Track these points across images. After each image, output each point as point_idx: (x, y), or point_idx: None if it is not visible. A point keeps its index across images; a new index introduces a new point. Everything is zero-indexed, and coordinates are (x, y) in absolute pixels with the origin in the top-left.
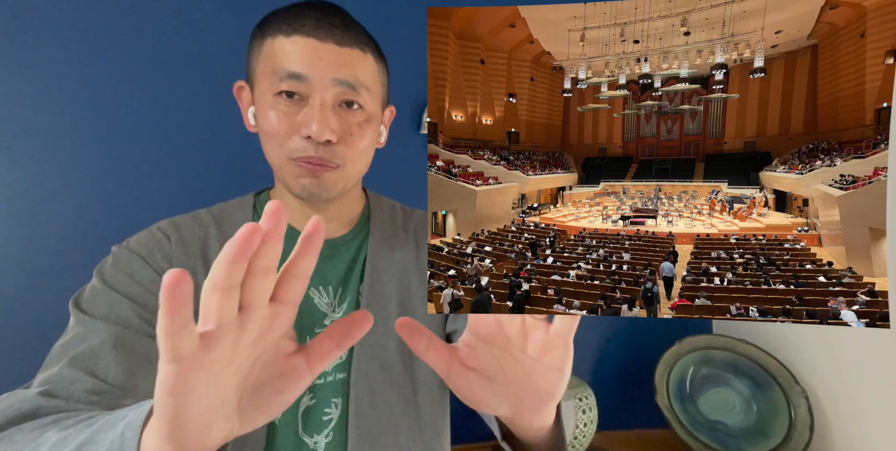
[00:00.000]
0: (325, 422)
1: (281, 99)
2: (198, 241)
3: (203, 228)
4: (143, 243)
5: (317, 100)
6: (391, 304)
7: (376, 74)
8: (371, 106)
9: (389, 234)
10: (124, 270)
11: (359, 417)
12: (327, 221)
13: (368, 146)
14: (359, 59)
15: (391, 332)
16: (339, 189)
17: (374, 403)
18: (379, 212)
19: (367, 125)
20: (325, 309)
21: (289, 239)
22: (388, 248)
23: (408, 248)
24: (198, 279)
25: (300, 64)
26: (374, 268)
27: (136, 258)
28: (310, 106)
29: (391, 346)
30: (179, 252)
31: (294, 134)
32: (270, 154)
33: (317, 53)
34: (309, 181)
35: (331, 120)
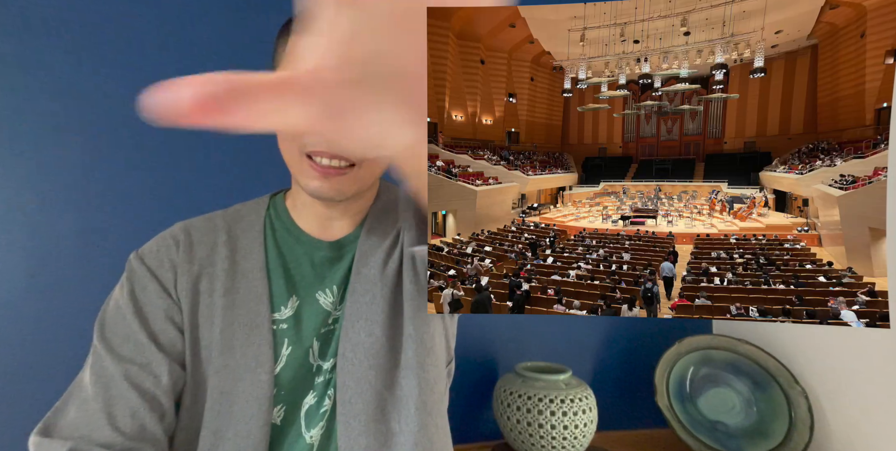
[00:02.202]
0: (320, 415)
1: None
2: (206, 246)
3: (214, 232)
4: (154, 251)
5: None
6: (375, 287)
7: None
8: None
9: (383, 222)
10: (139, 293)
11: (345, 404)
12: (338, 221)
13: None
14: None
15: (377, 316)
16: (351, 192)
17: (361, 390)
18: (379, 204)
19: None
20: (329, 308)
21: (296, 242)
22: (378, 236)
23: (396, 229)
24: (199, 285)
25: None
26: (361, 255)
27: (147, 275)
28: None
29: (377, 331)
30: (184, 259)
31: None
32: (285, 150)
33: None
34: (320, 184)
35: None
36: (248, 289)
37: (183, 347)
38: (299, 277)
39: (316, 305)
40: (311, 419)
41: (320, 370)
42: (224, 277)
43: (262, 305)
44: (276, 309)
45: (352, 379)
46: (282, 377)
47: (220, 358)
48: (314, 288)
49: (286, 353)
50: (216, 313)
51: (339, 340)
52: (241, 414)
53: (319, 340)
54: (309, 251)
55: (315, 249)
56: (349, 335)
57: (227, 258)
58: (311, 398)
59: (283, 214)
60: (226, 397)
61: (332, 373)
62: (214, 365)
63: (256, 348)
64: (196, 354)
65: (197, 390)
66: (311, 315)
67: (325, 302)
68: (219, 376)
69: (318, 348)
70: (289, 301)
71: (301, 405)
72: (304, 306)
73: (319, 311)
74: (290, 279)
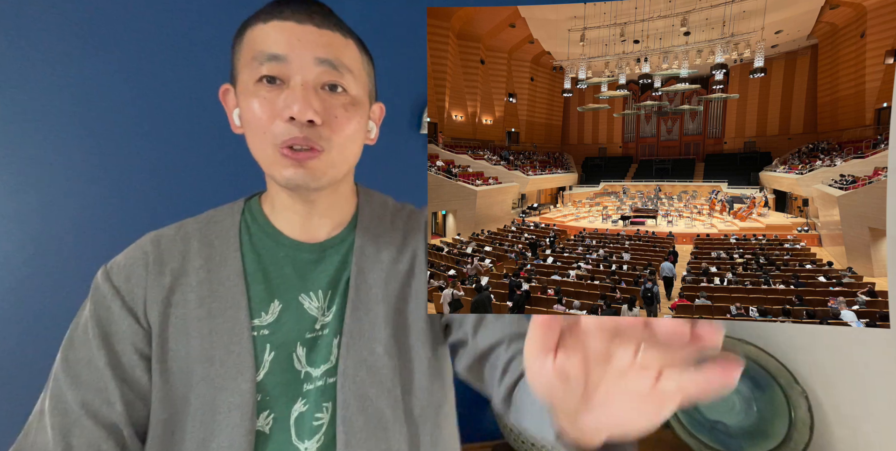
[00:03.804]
0: (315, 427)
1: (262, 85)
2: (177, 257)
3: (185, 241)
4: (121, 266)
5: (297, 81)
6: (377, 306)
7: (360, 61)
8: (355, 90)
9: (376, 233)
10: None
11: (346, 422)
12: (318, 218)
13: (355, 133)
14: (339, 41)
15: (379, 335)
16: (327, 178)
17: (363, 407)
18: (368, 210)
19: (353, 109)
20: (316, 313)
21: (276, 244)
22: (374, 248)
23: (395, 246)
24: (171, 298)
25: (279, 45)
26: (360, 270)
27: (111, 293)
28: (291, 88)
29: (378, 349)
30: (154, 272)
31: (276, 119)
32: (255, 147)
33: (295, 34)
34: (294, 172)
35: (313, 100)
36: (226, 297)
37: (143, 372)
38: (280, 280)
39: (300, 309)
40: (302, 428)
41: (309, 378)
42: (198, 287)
43: (241, 312)
44: (255, 315)
45: (353, 397)
46: (266, 382)
47: (199, 369)
48: (297, 291)
49: (268, 358)
50: (191, 324)
51: (329, 348)
52: (225, 424)
53: (305, 345)
54: (290, 253)
55: (296, 250)
56: (350, 353)
57: (202, 267)
58: (301, 406)
59: (259, 217)
60: (208, 407)
61: (324, 383)
62: (195, 376)
63: (236, 357)
64: (167, 368)
65: (174, 402)
66: (295, 319)
67: (310, 306)
68: (200, 386)
69: (305, 354)
70: (270, 306)
71: (290, 413)
72: (286, 310)
73: (304, 315)
74: (269, 283)
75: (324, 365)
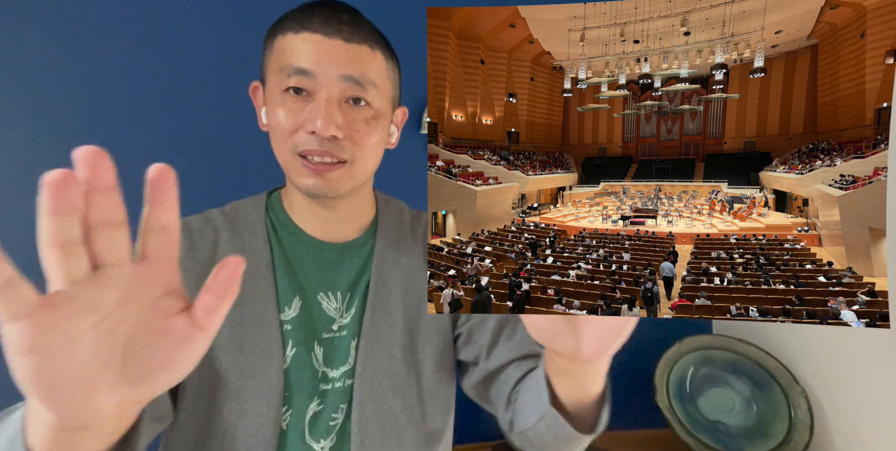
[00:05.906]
0: (331, 427)
1: (288, 95)
2: (209, 245)
3: (214, 231)
4: None
5: (322, 95)
6: (396, 310)
7: (385, 72)
8: (379, 103)
9: (396, 239)
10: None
11: (361, 424)
12: (337, 222)
13: (377, 144)
14: (366, 55)
15: (397, 339)
16: (346, 188)
17: (378, 410)
18: (387, 216)
19: (375, 123)
20: (333, 314)
21: (298, 241)
22: (395, 253)
23: (414, 253)
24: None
25: (307, 60)
26: (380, 274)
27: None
28: (315, 102)
29: (396, 353)
30: (188, 258)
31: (300, 129)
32: (278, 151)
33: (323, 49)
34: (314, 182)
35: (336, 115)
36: (256, 287)
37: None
38: (302, 277)
39: (318, 308)
40: (317, 428)
41: (326, 378)
42: None
43: (270, 303)
44: (280, 309)
45: (370, 399)
46: (287, 377)
47: (228, 357)
48: (316, 290)
49: (290, 354)
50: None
51: (347, 350)
52: (252, 412)
53: (322, 345)
54: (311, 252)
55: (317, 249)
56: (368, 356)
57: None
58: (316, 406)
59: (280, 214)
60: (235, 395)
61: (342, 385)
62: (223, 364)
63: (265, 346)
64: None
65: (201, 388)
66: (314, 318)
67: (328, 306)
68: (228, 374)
69: (322, 354)
70: (293, 302)
71: (306, 411)
72: (306, 308)
73: (322, 315)
74: (293, 279)
75: (342, 367)
